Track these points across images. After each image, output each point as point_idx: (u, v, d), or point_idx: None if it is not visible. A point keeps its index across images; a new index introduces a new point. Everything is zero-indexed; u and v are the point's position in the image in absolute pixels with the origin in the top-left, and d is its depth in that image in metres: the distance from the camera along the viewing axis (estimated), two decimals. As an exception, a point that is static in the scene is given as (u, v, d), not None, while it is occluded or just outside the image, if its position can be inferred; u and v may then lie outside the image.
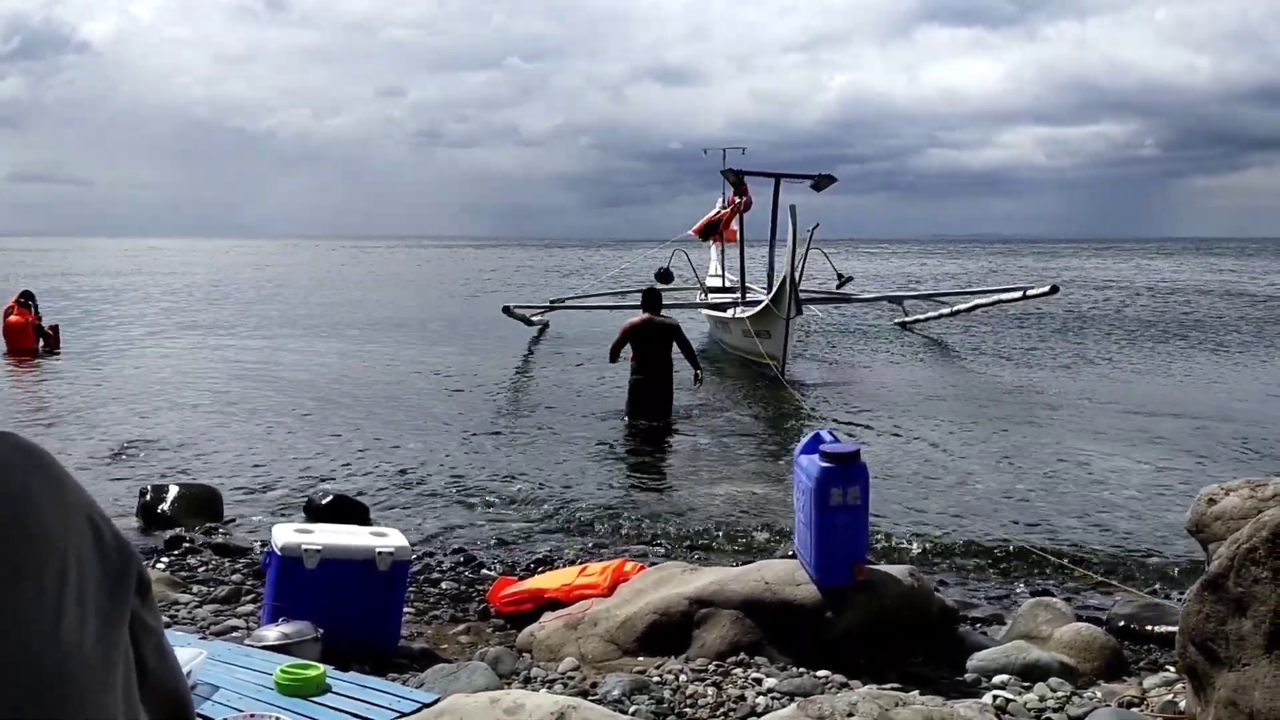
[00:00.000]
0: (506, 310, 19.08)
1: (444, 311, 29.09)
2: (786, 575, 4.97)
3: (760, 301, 15.59)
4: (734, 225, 20.52)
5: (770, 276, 16.12)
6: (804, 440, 5.00)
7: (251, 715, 3.33)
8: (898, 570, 5.09)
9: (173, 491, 8.03)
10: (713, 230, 20.84)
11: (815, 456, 4.76)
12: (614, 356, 11.83)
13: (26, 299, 18.28)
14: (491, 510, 8.26)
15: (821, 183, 19.98)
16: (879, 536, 6.96)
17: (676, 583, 5.23)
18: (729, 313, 17.58)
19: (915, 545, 7.20)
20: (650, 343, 11.51)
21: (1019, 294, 19.09)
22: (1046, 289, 18.19)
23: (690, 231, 20.94)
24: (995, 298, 19.87)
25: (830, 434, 4.98)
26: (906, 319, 22.23)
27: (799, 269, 18.44)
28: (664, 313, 11.83)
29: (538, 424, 11.94)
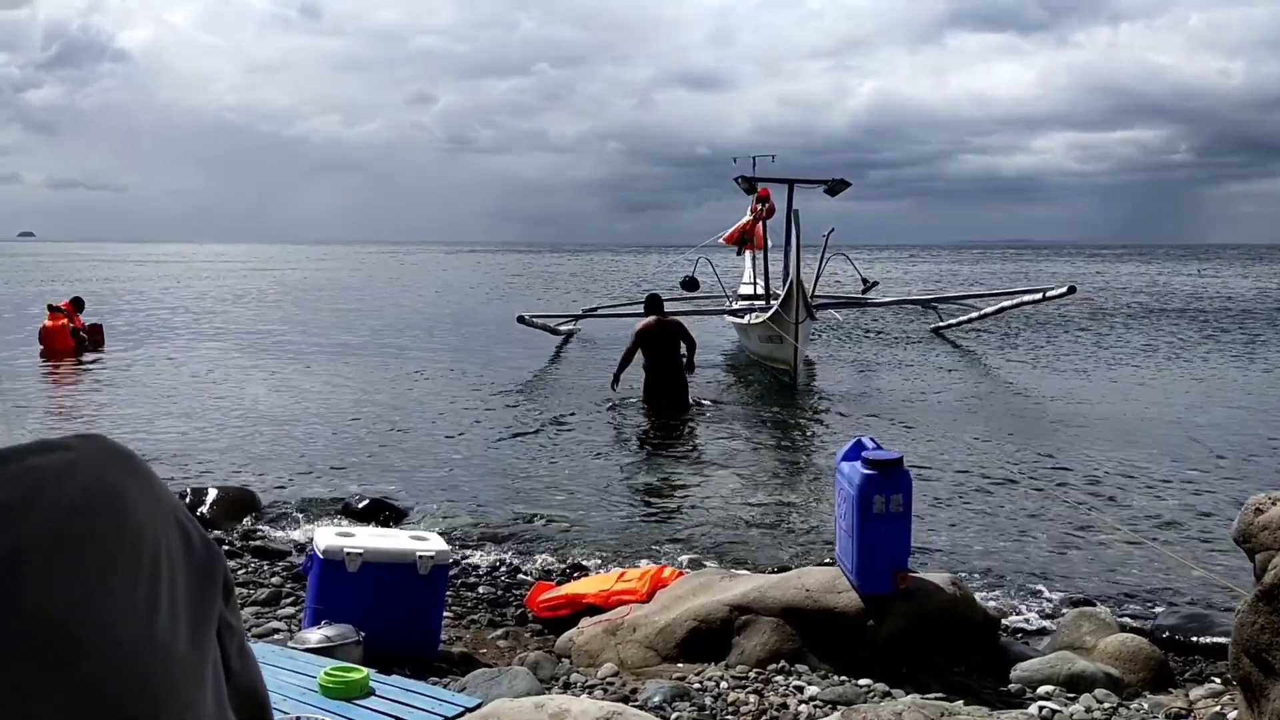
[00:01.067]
0: (522, 320, 19.09)
1: (475, 315, 29.20)
2: (828, 583, 4.94)
3: (772, 307, 15.63)
4: (760, 232, 20.48)
5: (784, 282, 16.10)
6: (846, 447, 4.97)
7: (298, 718, 3.35)
8: (940, 578, 5.05)
9: (211, 494, 8.11)
10: (745, 240, 20.81)
11: (857, 463, 4.73)
12: (626, 363, 12.81)
13: (76, 306, 18.94)
14: (528, 515, 8.26)
15: (836, 187, 19.91)
16: (918, 544, 6.90)
17: (716, 589, 5.21)
18: (745, 319, 17.57)
19: (955, 553, 7.14)
20: (661, 342, 12.62)
21: (1039, 295, 19.10)
22: (1064, 290, 18.22)
23: (721, 240, 20.89)
24: (1017, 299, 19.84)
25: (872, 440, 4.95)
26: (940, 324, 22.12)
27: (818, 273, 18.44)
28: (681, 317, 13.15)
29: (569, 430, 11.95)
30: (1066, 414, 13.23)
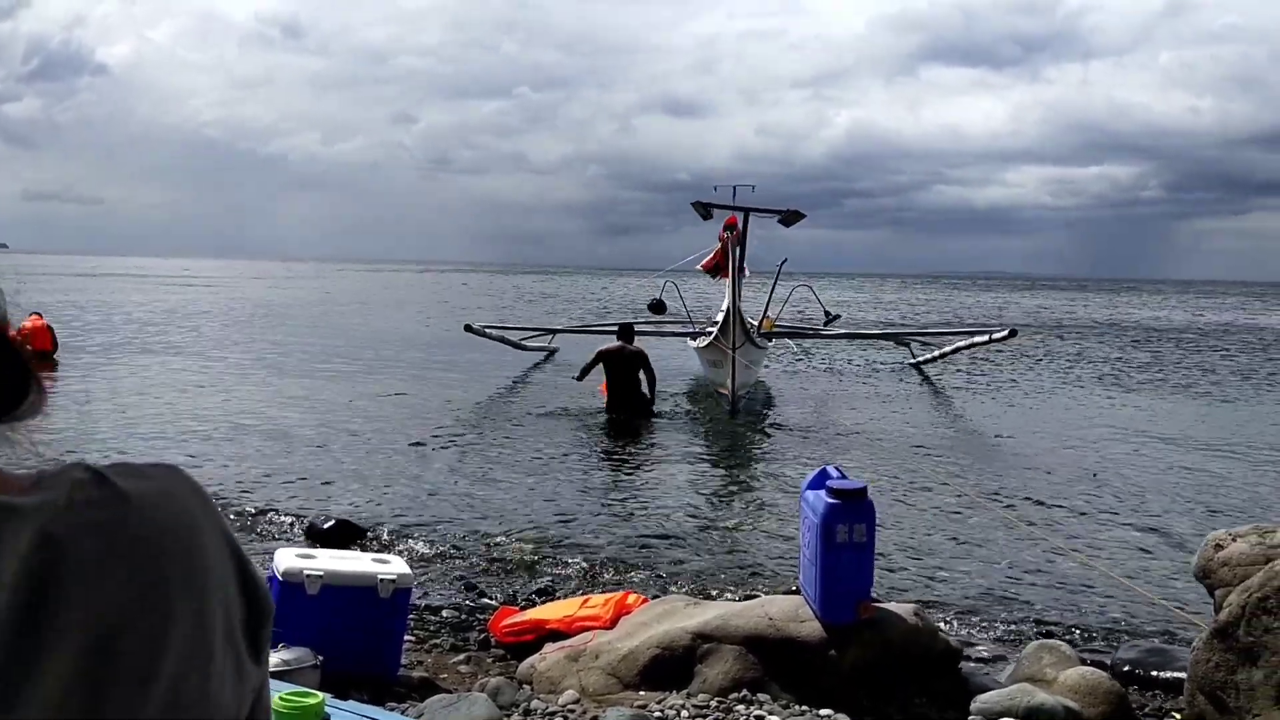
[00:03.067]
0: (469, 329, 19.12)
1: (448, 337, 29.13)
2: (790, 611, 4.94)
3: (712, 333, 15.80)
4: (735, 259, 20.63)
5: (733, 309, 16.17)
6: (811, 475, 4.98)
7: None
8: (903, 608, 5.06)
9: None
10: (721, 268, 20.96)
11: (822, 492, 4.74)
12: (583, 375, 14.18)
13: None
14: (492, 539, 8.20)
15: (790, 219, 20.16)
16: (880, 573, 6.91)
17: (679, 616, 5.20)
18: (695, 343, 17.64)
19: (916, 584, 7.16)
20: (620, 367, 13.88)
21: (986, 338, 19.84)
22: (1006, 333, 19.24)
23: (699, 267, 21.00)
24: (970, 340, 20.49)
25: (837, 469, 4.96)
26: (916, 359, 22.36)
27: (768, 301, 18.68)
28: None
29: (536, 454, 11.89)
30: (1030, 446, 13.34)
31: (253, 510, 8.90)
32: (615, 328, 16.16)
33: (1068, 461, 12.03)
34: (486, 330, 20.14)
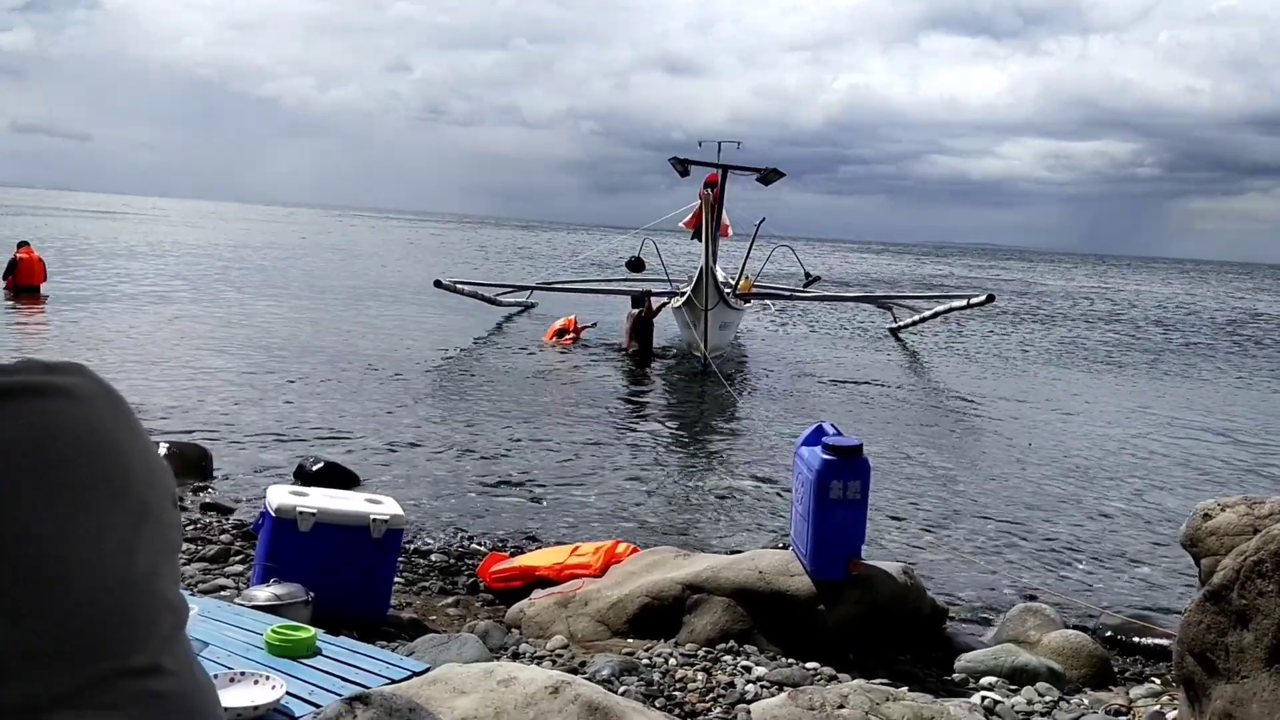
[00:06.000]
0: (439, 284, 18.74)
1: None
2: (780, 566, 4.96)
3: (685, 293, 15.74)
4: (725, 220, 20.57)
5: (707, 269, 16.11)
6: (806, 431, 4.98)
7: (241, 673, 3.30)
8: (892, 567, 5.09)
9: (162, 449, 7.98)
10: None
11: (817, 448, 4.74)
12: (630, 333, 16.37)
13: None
14: (482, 486, 8.23)
15: (769, 177, 20.08)
16: (871, 532, 6.96)
17: (669, 567, 5.22)
18: (669, 302, 17.58)
19: (904, 544, 7.21)
20: (642, 329, 16.42)
21: (964, 302, 19.71)
22: (984, 299, 19.03)
23: (681, 225, 20.89)
24: (949, 305, 20.40)
25: (833, 426, 4.96)
26: (895, 325, 22.36)
27: (744, 262, 18.64)
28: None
29: (528, 402, 11.92)
30: (1018, 414, 13.40)
31: (240, 450, 8.88)
32: (588, 284, 17.73)
33: (1054, 431, 12.11)
34: (458, 285, 19.70)
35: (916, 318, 21.36)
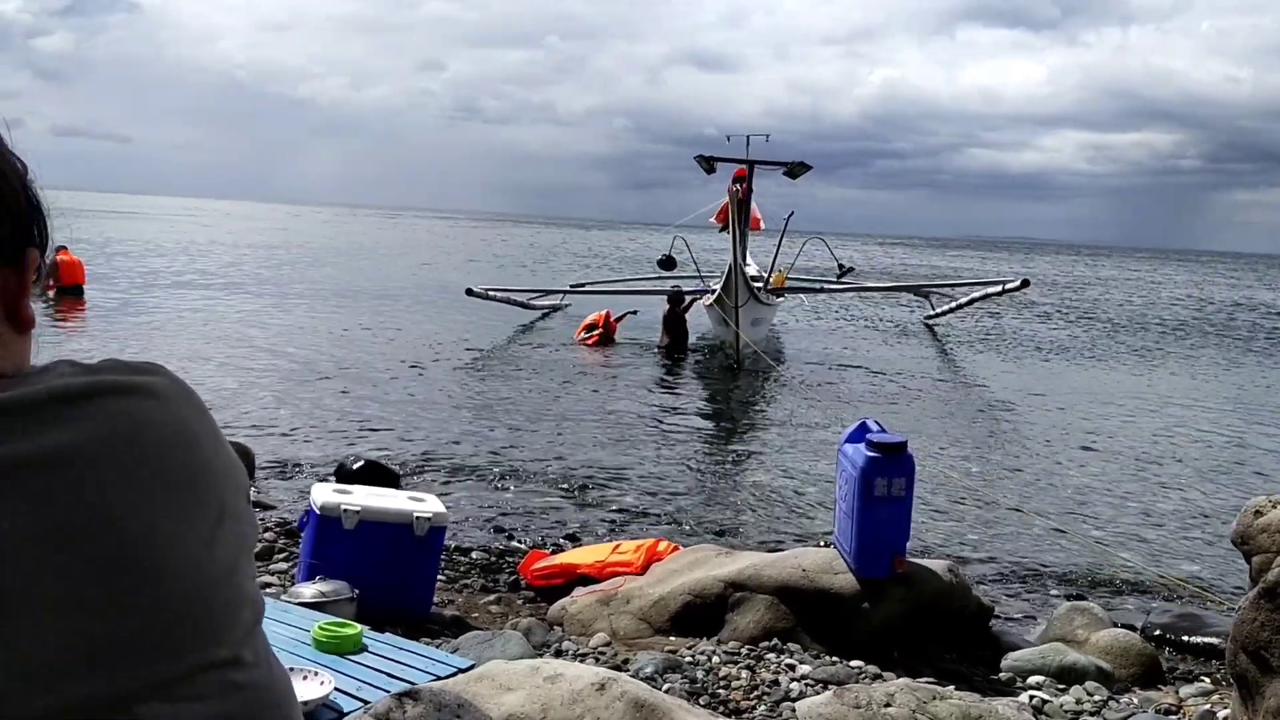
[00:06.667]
0: (470, 292, 18.50)
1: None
2: (824, 563, 4.93)
3: (716, 290, 15.69)
4: (756, 214, 20.51)
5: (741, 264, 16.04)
6: (850, 428, 4.94)
7: (290, 669, 3.33)
8: (937, 565, 5.04)
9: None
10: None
11: (861, 445, 4.71)
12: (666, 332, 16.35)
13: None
14: (520, 484, 8.25)
15: (796, 170, 19.93)
16: (915, 530, 6.90)
17: (711, 565, 5.20)
18: (702, 301, 17.45)
19: (949, 542, 7.14)
20: (676, 326, 16.45)
21: (999, 288, 19.41)
22: (1018, 284, 18.68)
23: (711, 220, 20.82)
24: (984, 291, 20.13)
25: (876, 423, 4.92)
26: (930, 314, 22.14)
27: (775, 256, 18.54)
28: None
29: (563, 400, 11.94)
30: (1062, 406, 13.24)
31: (281, 449, 8.97)
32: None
33: (1099, 426, 11.94)
34: (490, 292, 19.44)
35: (953, 304, 21.09)
